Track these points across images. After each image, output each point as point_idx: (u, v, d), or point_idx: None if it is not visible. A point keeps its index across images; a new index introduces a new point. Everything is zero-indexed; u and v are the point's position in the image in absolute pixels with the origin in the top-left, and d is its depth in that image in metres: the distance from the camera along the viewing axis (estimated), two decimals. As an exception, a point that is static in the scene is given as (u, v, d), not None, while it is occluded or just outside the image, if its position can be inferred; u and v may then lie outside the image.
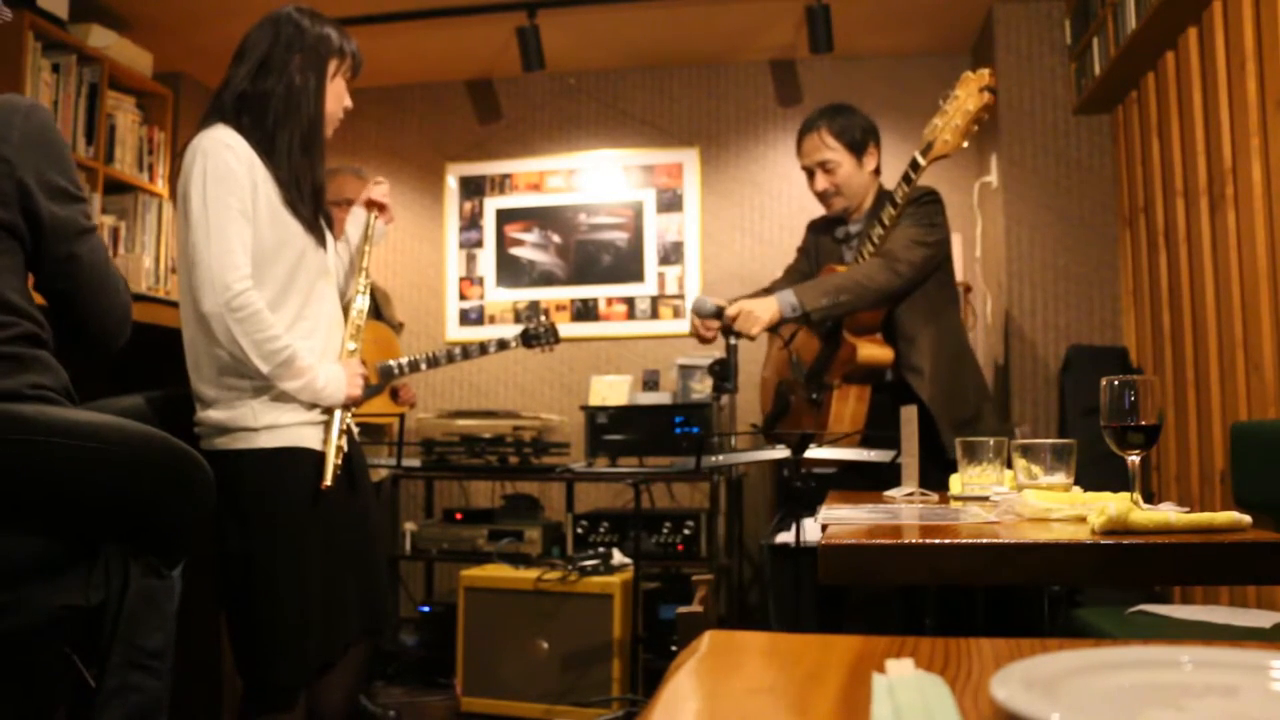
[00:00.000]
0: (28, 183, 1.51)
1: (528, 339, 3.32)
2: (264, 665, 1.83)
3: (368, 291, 2.13)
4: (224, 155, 1.83)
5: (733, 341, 2.45)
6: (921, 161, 2.48)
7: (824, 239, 2.88)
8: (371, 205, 2.24)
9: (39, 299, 1.63)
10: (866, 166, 2.74)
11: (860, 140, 2.72)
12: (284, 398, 1.85)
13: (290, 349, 1.82)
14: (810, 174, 2.77)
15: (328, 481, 1.85)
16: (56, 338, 1.63)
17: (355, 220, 2.25)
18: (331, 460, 1.87)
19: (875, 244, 2.56)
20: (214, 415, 1.84)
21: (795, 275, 2.93)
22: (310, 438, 1.88)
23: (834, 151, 2.71)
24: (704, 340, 2.67)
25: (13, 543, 1.44)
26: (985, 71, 2.43)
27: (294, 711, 1.86)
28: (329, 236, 2.05)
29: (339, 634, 1.90)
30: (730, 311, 2.53)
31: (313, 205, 1.96)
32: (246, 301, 1.78)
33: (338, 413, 1.92)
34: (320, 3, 2.15)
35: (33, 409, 1.46)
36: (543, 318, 4.53)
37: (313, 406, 1.89)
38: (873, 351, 2.60)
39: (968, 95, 2.44)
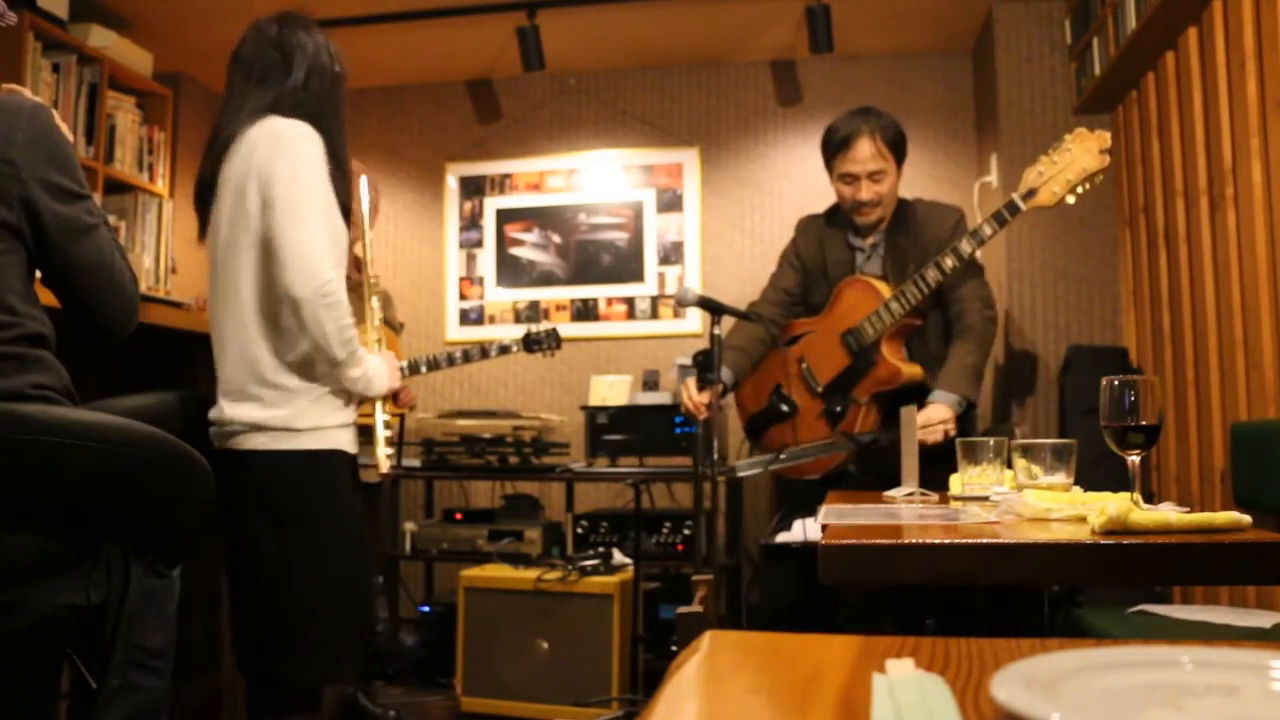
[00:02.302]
0: (32, 184, 1.52)
1: (529, 344, 3.32)
2: (298, 666, 1.84)
3: (379, 285, 2.19)
4: (311, 146, 1.85)
5: (716, 331, 2.43)
6: (1022, 206, 2.44)
7: (833, 247, 2.79)
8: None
9: (47, 296, 1.63)
10: (901, 175, 2.71)
11: (903, 148, 2.69)
12: (325, 400, 1.88)
13: (357, 337, 1.88)
14: (852, 180, 2.66)
15: (384, 469, 1.94)
16: (64, 326, 1.63)
17: None
18: (383, 449, 1.93)
19: (945, 273, 2.51)
20: (254, 413, 1.84)
21: (779, 294, 2.86)
22: (346, 441, 1.92)
23: (887, 160, 2.63)
24: (698, 416, 2.66)
25: (15, 542, 1.44)
26: (1105, 134, 2.40)
27: (319, 711, 1.88)
28: None
29: (368, 631, 1.94)
30: (930, 438, 2.48)
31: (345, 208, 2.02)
32: (334, 289, 1.80)
33: (379, 404, 2.00)
34: (323, 3, 2.15)
35: (35, 408, 1.46)
36: (544, 322, 4.53)
37: (347, 406, 1.93)
38: (912, 371, 2.61)
39: (1084, 152, 2.39)
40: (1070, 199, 2.43)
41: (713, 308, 2.42)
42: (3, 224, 1.50)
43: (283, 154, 1.82)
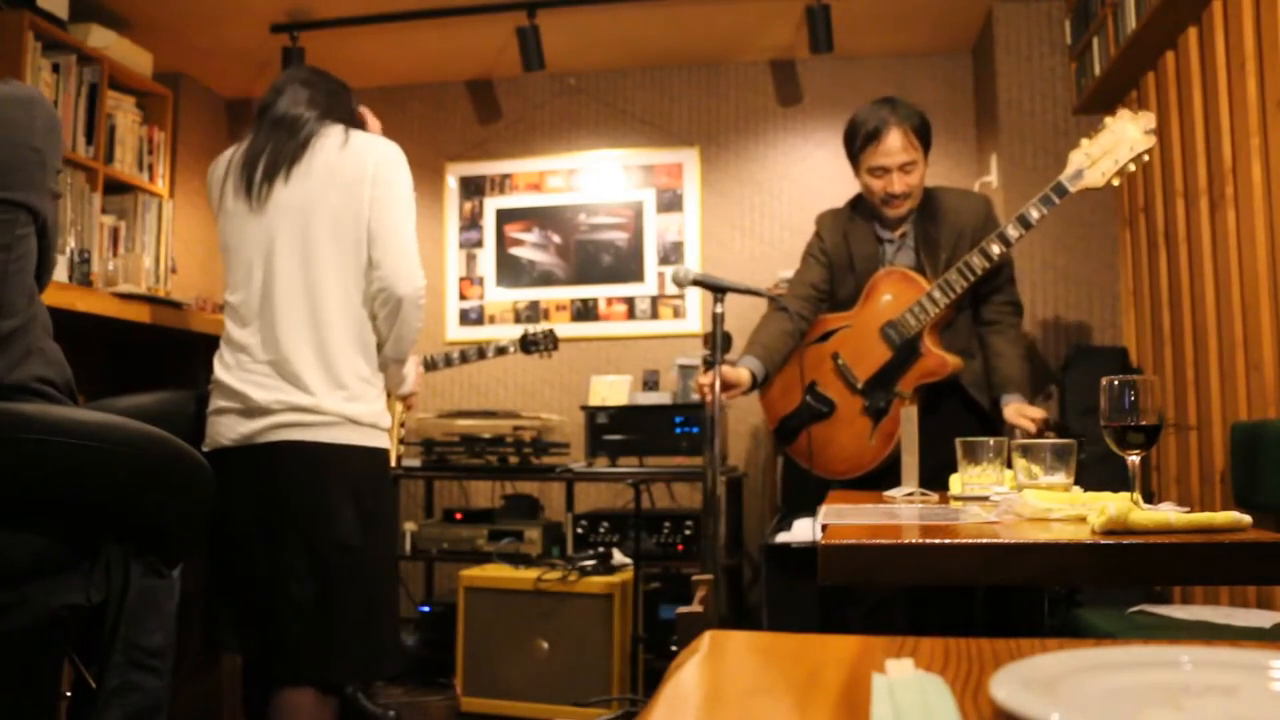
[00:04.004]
0: (50, 174, 1.56)
1: (526, 345, 3.32)
2: (375, 661, 1.94)
3: None
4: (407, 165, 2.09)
5: (719, 310, 2.38)
6: (1070, 188, 2.43)
7: (859, 240, 2.74)
8: None
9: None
10: (928, 164, 2.70)
11: (929, 137, 2.67)
12: (382, 398, 2.00)
13: None
14: (883, 173, 2.62)
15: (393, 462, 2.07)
16: (62, 327, 1.64)
17: None
18: (397, 444, 2.11)
19: (991, 259, 2.50)
20: (347, 407, 1.89)
21: (806, 289, 2.77)
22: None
23: (917, 151, 2.61)
24: (704, 398, 2.63)
25: (14, 542, 1.44)
26: (1150, 114, 2.38)
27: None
28: None
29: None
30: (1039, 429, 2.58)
31: None
32: (423, 293, 2.02)
33: (397, 405, 2.13)
34: (321, 3, 2.15)
35: (35, 408, 1.46)
36: (543, 322, 4.53)
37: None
38: (956, 362, 2.61)
39: (1130, 133, 2.38)
40: (1116, 181, 2.43)
41: (711, 286, 2.34)
42: (32, 211, 1.51)
43: (399, 165, 2.04)
